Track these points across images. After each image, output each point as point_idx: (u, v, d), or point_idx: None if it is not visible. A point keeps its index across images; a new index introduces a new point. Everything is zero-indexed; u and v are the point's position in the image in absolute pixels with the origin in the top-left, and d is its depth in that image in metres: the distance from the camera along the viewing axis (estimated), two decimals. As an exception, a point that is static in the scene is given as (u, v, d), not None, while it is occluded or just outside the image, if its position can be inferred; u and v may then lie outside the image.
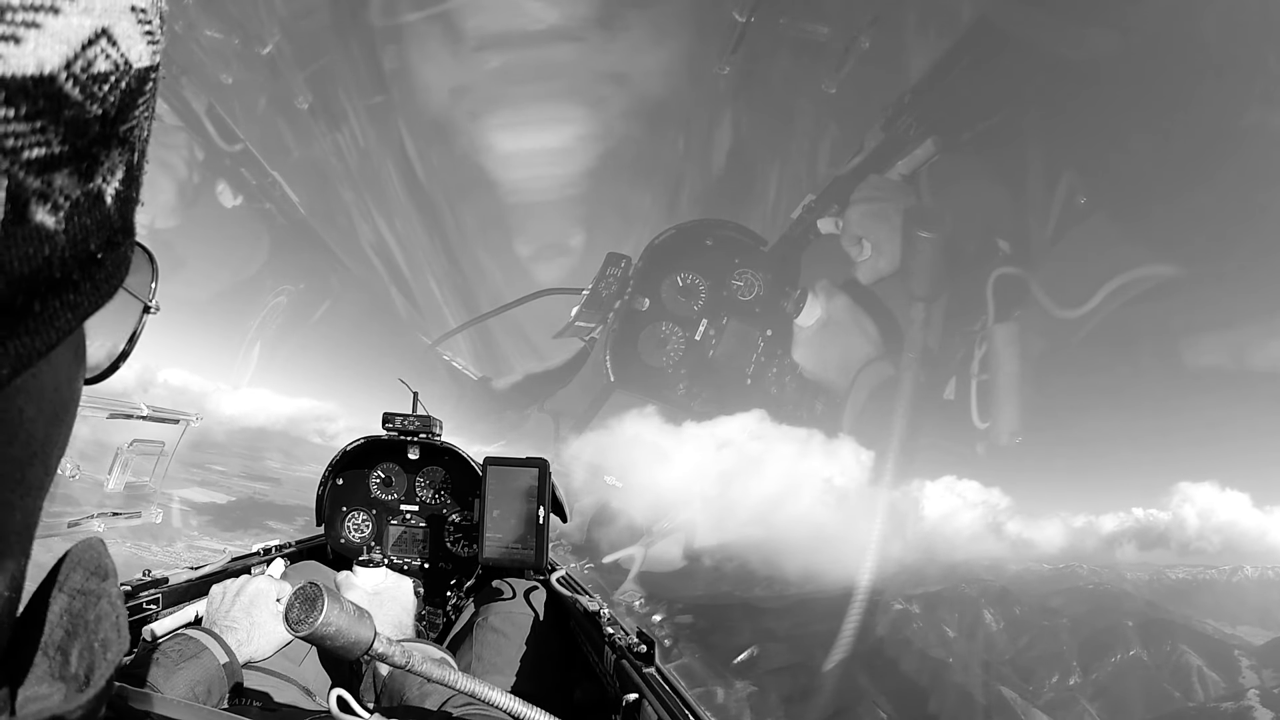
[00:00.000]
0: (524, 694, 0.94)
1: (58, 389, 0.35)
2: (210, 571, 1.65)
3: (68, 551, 0.41)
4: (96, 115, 0.29)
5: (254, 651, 1.32)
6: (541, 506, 1.70)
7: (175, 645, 1.23)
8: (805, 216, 5.62)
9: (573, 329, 5.95)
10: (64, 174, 0.28)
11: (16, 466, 0.32)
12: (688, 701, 1.04)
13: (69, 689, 0.35)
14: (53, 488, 0.37)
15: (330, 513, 2.04)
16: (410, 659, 0.94)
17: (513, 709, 0.91)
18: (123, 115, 0.31)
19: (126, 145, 0.32)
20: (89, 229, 0.30)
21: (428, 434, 1.97)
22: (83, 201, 0.29)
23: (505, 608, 1.64)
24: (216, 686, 1.20)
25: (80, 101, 0.28)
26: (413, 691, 1.13)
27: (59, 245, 0.28)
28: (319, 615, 0.91)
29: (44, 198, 0.27)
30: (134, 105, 0.32)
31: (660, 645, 1.23)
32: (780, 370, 5.70)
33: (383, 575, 1.61)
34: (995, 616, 6.73)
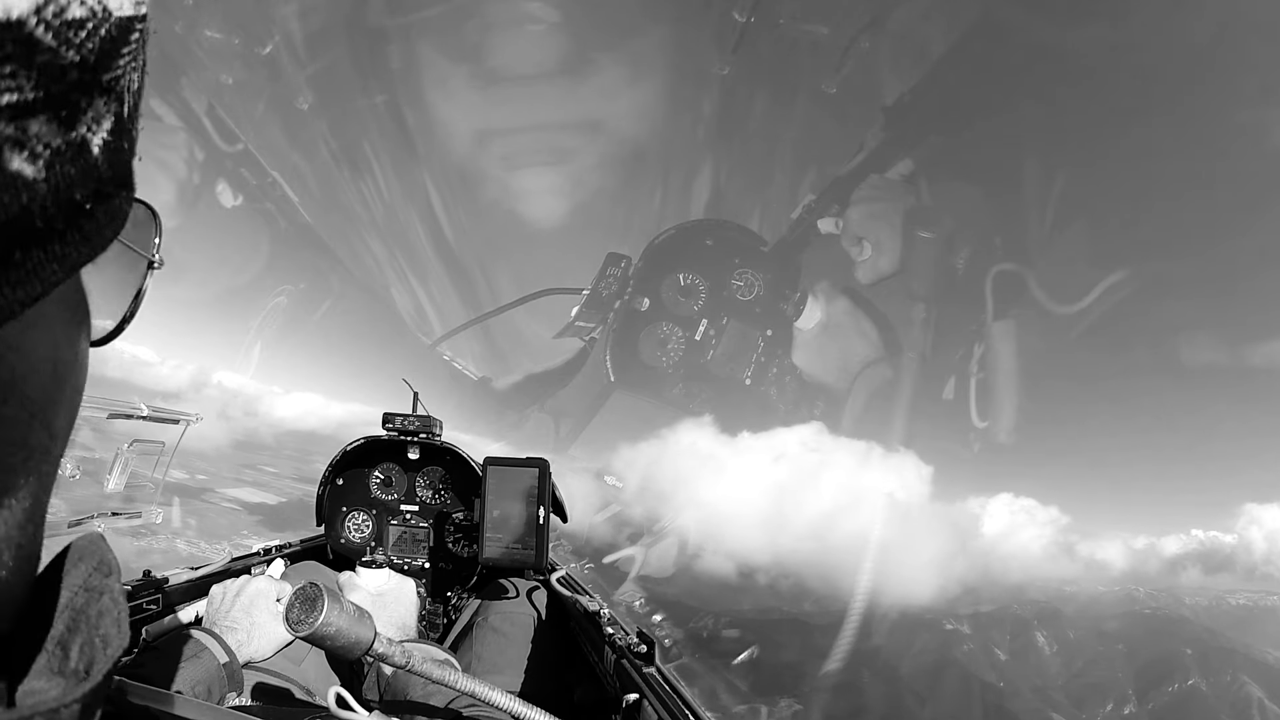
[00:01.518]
0: (524, 694, 0.94)
1: (56, 347, 0.35)
2: (210, 572, 1.64)
3: (69, 545, 0.41)
4: (73, 62, 0.29)
5: (254, 651, 1.32)
6: (541, 506, 1.70)
7: (175, 645, 1.23)
8: (805, 216, 5.62)
9: (573, 329, 5.95)
10: (40, 121, 0.28)
11: (15, 427, 0.32)
12: (688, 701, 1.04)
13: (68, 684, 0.35)
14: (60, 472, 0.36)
15: (330, 513, 2.04)
16: (410, 659, 0.94)
17: (513, 709, 0.91)
18: (104, 63, 0.30)
19: (113, 95, 0.32)
20: (73, 178, 0.30)
21: (428, 434, 1.96)
22: (64, 150, 0.29)
23: (506, 608, 1.64)
24: (217, 686, 1.20)
25: (54, 47, 0.28)
26: (416, 692, 1.13)
27: (39, 194, 0.28)
28: (319, 615, 0.91)
29: (19, 144, 0.27)
30: (117, 54, 0.31)
31: (660, 645, 1.23)
32: (780, 370, 5.70)
33: (385, 576, 1.61)
34: (1048, 639, 6.51)
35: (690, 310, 5.52)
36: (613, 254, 5.59)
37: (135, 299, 0.49)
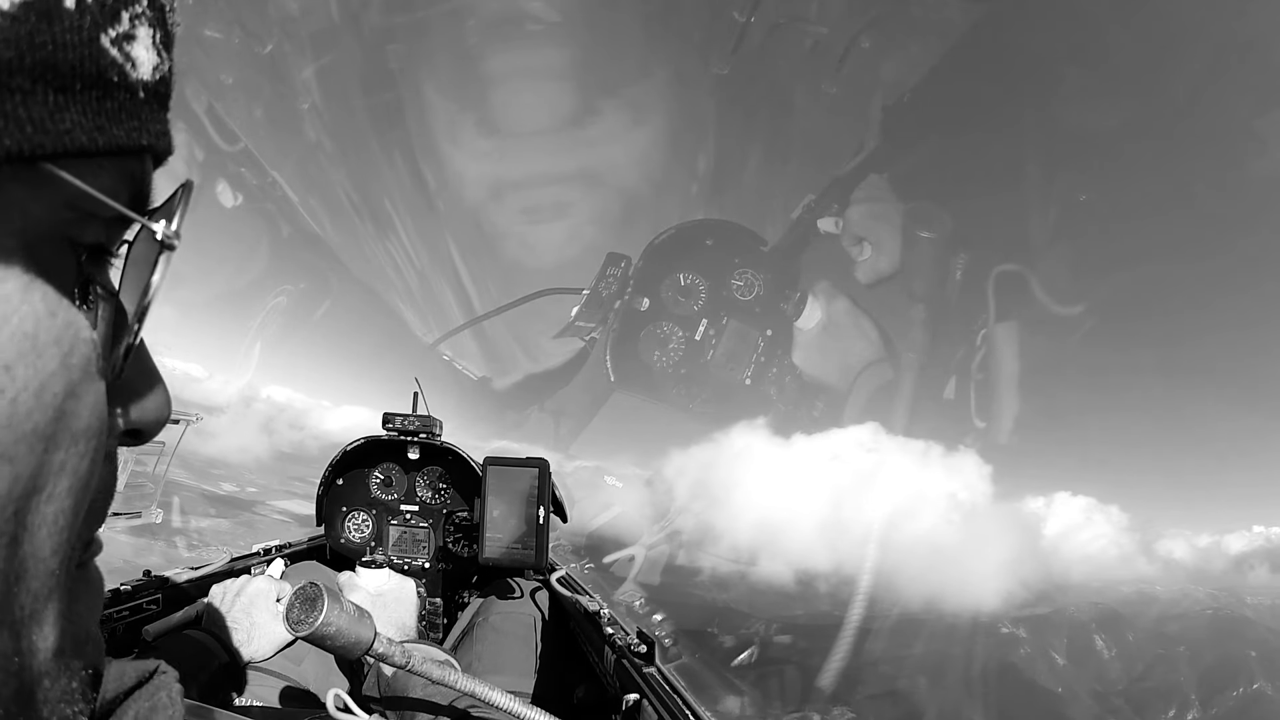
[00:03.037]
0: (524, 694, 0.94)
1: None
2: (210, 572, 1.65)
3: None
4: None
5: (254, 652, 1.32)
6: (542, 506, 1.70)
7: (175, 645, 1.23)
8: (805, 216, 5.62)
9: (573, 329, 5.95)
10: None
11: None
12: (688, 701, 1.04)
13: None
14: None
15: (330, 513, 2.04)
16: (410, 659, 0.94)
17: (513, 709, 0.91)
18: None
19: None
20: (44, 40, 0.27)
21: (428, 434, 1.97)
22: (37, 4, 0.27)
23: (506, 608, 1.64)
24: (217, 686, 1.20)
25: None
26: (416, 692, 1.13)
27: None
28: (319, 615, 0.91)
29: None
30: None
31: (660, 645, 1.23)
32: (780, 371, 5.70)
33: (385, 576, 1.61)
34: (1107, 642, 6.29)
35: (690, 310, 5.52)
36: (613, 254, 5.60)
37: (144, 293, 0.36)
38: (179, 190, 0.38)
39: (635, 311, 5.47)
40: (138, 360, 0.39)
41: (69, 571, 0.34)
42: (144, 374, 0.41)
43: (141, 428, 0.40)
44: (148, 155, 0.36)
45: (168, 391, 0.41)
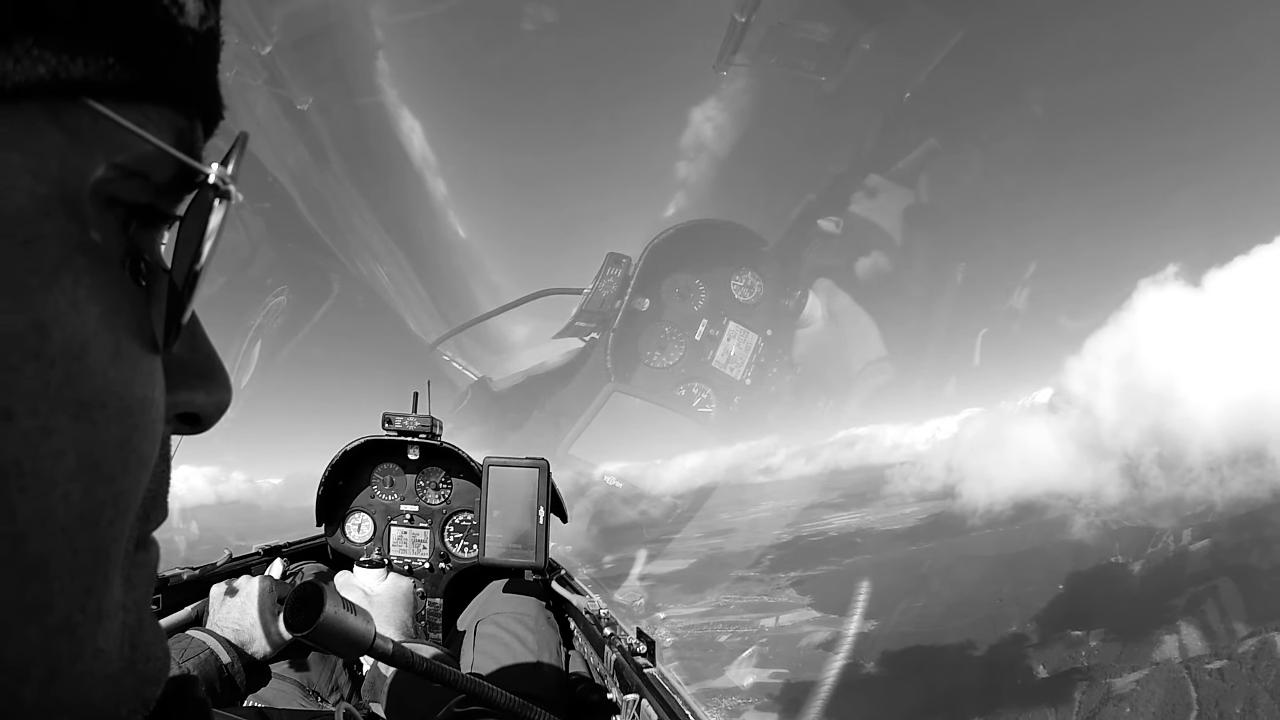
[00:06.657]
0: (524, 694, 0.94)
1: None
2: (210, 572, 1.65)
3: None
4: None
5: (254, 651, 1.33)
6: (542, 507, 1.70)
7: (175, 645, 1.23)
8: (805, 216, 5.62)
9: (573, 329, 5.95)
10: None
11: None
12: (688, 701, 1.04)
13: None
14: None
15: (330, 513, 2.04)
16: (410, 659, 0.94)
17: (513, 709, 0.92)
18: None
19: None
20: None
21: (428, 434, 1.97)
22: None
23: (505, 608, 1.64)
24: (217, 686, 1.20)
25: None
26: (416, 692, 1.13)
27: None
28: (319, 615, 0.91)
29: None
30: None
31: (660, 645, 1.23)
32: (780, 370, 5.70)
33: (385, 576, 1.61)
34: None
35: (690, 310, 5.53)
36: (613, 254, 5.60)
37: (196, 258, 0.31)
38: (236, 139, 0.35)
39: (635, 311, 5.48)
40: (191, 336, 0.34)
41: (128, 561, 0.30)
42: (200, 352, 0.35)
43: (199, 411, 0.35)
44: (197, 117, 0.33)
45: (226, 373, 0.36)
